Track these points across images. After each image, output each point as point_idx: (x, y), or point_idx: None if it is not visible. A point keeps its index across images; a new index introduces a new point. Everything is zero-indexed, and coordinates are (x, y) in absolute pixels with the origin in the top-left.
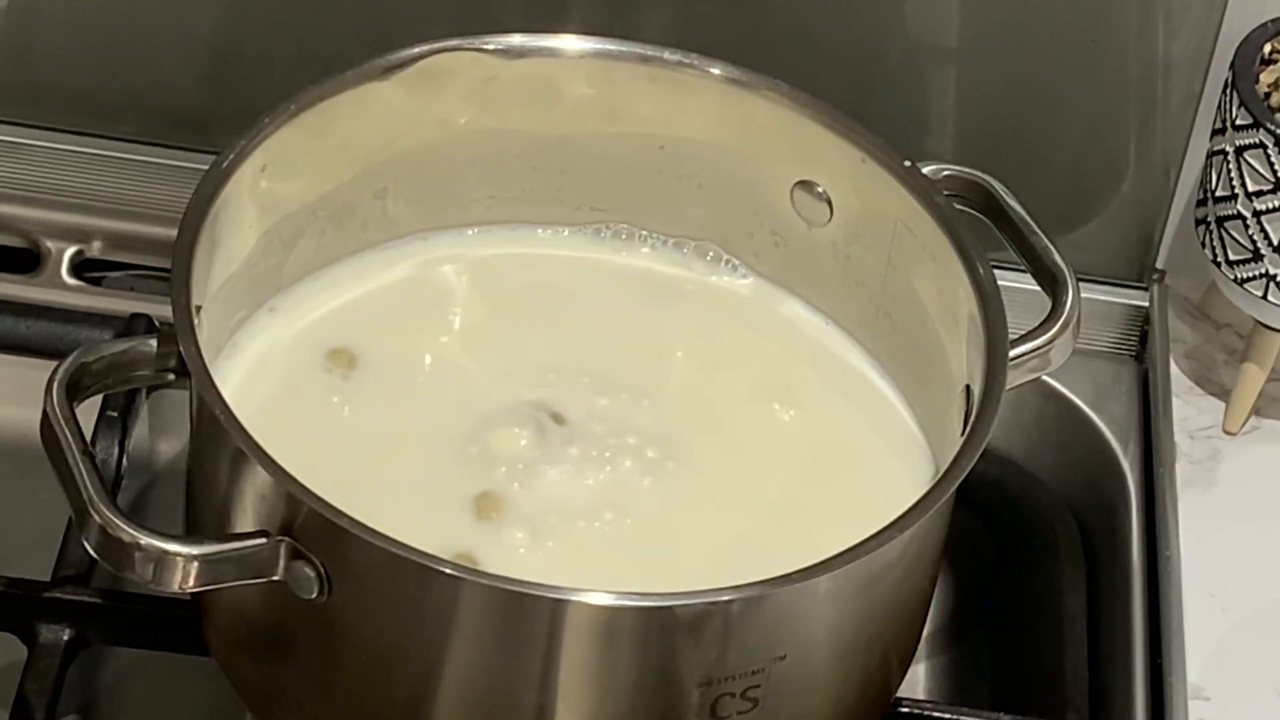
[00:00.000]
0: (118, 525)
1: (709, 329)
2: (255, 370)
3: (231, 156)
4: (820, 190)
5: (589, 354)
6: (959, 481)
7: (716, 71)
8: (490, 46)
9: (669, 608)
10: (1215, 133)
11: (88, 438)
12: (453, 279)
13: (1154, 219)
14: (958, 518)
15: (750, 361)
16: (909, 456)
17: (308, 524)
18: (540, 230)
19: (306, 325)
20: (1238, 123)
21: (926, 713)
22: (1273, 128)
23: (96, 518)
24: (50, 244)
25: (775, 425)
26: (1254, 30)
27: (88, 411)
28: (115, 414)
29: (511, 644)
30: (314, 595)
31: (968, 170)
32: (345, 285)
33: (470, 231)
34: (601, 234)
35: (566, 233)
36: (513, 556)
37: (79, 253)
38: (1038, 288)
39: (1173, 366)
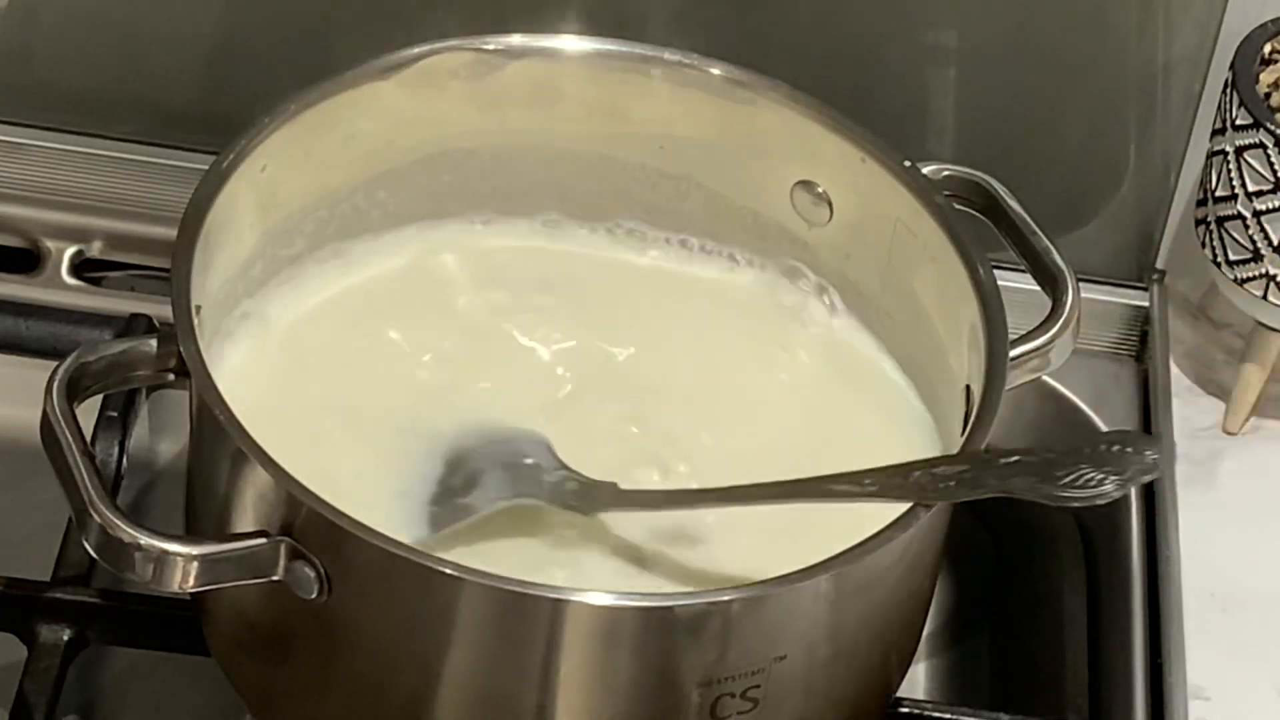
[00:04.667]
0: (118, 525)
1: (712, 323)
2: (257, 370)
3: (231, 156)
4: (820, 190)
5: (589, 349)
6: None
7: (716, 71)
8: (490, 46)
9: (669, 608)
10: (1215, 133)
11: (88, 438)
12: (454, 273)
13: (1154, 219)
14: (958, 518)
15: (753, 356)
16: (915, 446)
17: (308, 524)
18: (541, 225)
19: (307, 323)
20: (1238, 123)
21: (926, 713)
22: (1273, 128)
23: (96, 518)
24: (50, 244)
25: (779, 421)
26: (1254, 30)
27: (88, 411)
28: (115, 414)
29: (511, 644)
30: (314, 595)
31: (968, 170)
32: (344, 280)
33: (474, 225)
34: (600, 231)
35: (567, 229)
36: None
37: (79, 253)
38: (1038, 288)
39: (1173, 366)
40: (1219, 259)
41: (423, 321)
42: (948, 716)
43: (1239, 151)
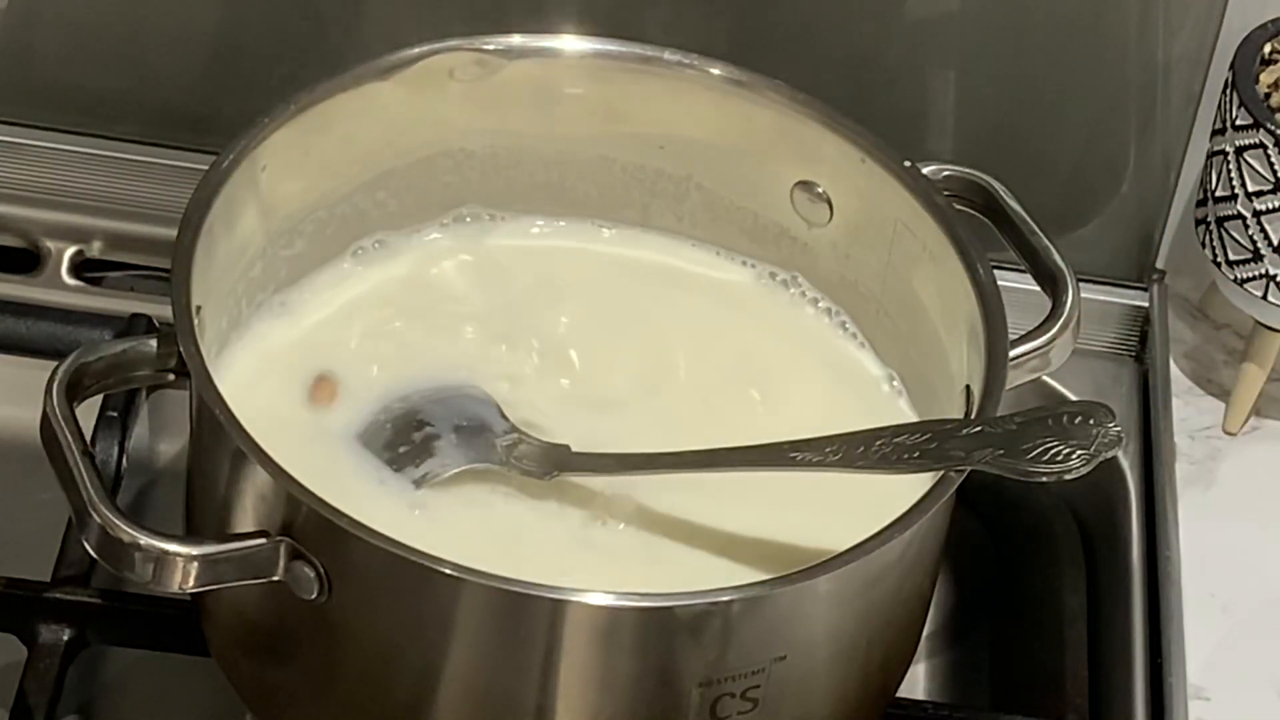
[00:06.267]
0: (118, 525)
1: (710, 324)
2: (256, 370)
3: (231, 156)
4: (820, 190)
5: (591, 349)
6: (959, 482)
7: (716, 71)
8: (490, 46)
9: (669, 608)
10: (1215, 133)
11: (88, 438)
12: (454, 274)
13: (1154, 219)
14: (958, 518)
15: (751, 358)
16: None
17: (308, 524)
18: (541, 224)
19: (308, 324)
20: (1238, 123)
21: (926, 713)
22: (1273, 128)
23: (96, 518)
24: (50, 244)
25: (777, 422)
26: (1254, 30)
27: (88, 411)
28: (115, 414)
29: (511, 644)
30: (314, 595)
31: (968, 170)
32: (347, 283)
33: (474, 225)
34: (602, 231)
35: (566, 227)
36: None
37: (79, 253)
38: (1038, 288)
39: (1173, 366)
40: (1219, 259)
41: (423, 321)
42: (948, 716)
43: (1239, 151)
